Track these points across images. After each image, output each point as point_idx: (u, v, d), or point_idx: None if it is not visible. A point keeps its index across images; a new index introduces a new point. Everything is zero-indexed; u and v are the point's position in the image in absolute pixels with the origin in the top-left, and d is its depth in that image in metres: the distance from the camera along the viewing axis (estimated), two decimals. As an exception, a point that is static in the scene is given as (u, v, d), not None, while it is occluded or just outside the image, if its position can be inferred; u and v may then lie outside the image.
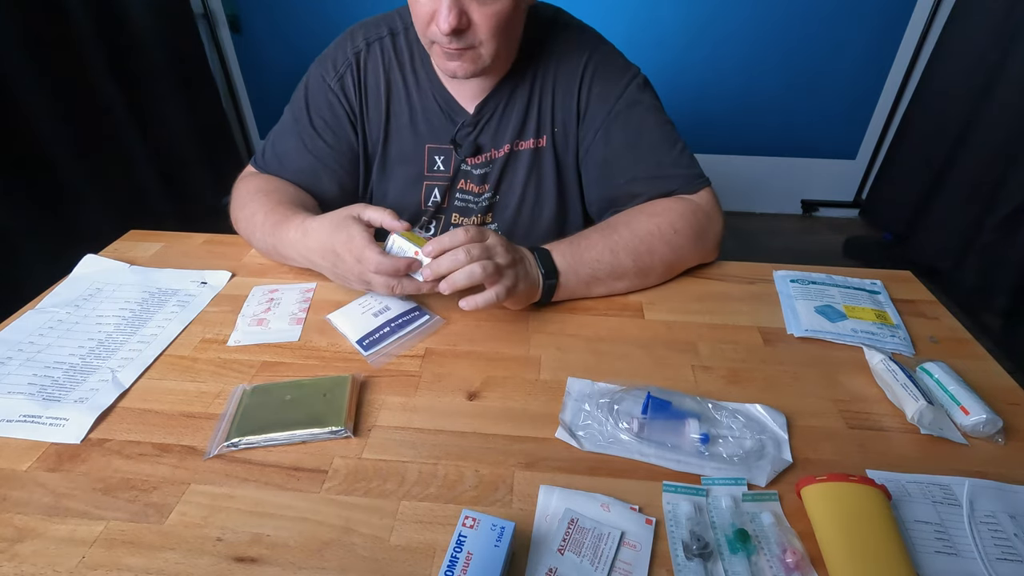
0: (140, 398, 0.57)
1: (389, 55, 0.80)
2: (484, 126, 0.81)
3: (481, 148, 0.82)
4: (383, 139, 0.83)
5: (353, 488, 0.48)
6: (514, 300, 0.64)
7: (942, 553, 0.44)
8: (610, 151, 0.79)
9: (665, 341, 0.66)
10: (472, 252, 0.59)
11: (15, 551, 0.43)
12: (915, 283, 0.77)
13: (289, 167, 0.82)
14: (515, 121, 0.81)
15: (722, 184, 0.84)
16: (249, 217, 0.75)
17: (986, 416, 0.52)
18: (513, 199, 0.85)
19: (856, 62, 2.19)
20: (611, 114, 0.78)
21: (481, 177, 0.84)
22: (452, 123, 0.81)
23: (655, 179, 0.77)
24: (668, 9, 2.14)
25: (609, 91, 0.78)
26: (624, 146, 0.78)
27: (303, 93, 0.82)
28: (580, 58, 0.79)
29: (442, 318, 0.68)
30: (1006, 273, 1.71)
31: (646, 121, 0.78)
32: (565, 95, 0.80)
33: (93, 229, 1.65)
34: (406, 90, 0.81)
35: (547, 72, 0.80)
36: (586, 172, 0.84)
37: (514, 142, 0.82)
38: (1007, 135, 1.74)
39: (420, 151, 0.83)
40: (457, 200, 0.86)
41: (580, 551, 0.43)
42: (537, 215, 0.87)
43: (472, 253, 0.59)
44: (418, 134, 0.82)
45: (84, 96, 1.67)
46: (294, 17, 2.26)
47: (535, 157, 0.83)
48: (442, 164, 0.83)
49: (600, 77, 0.79)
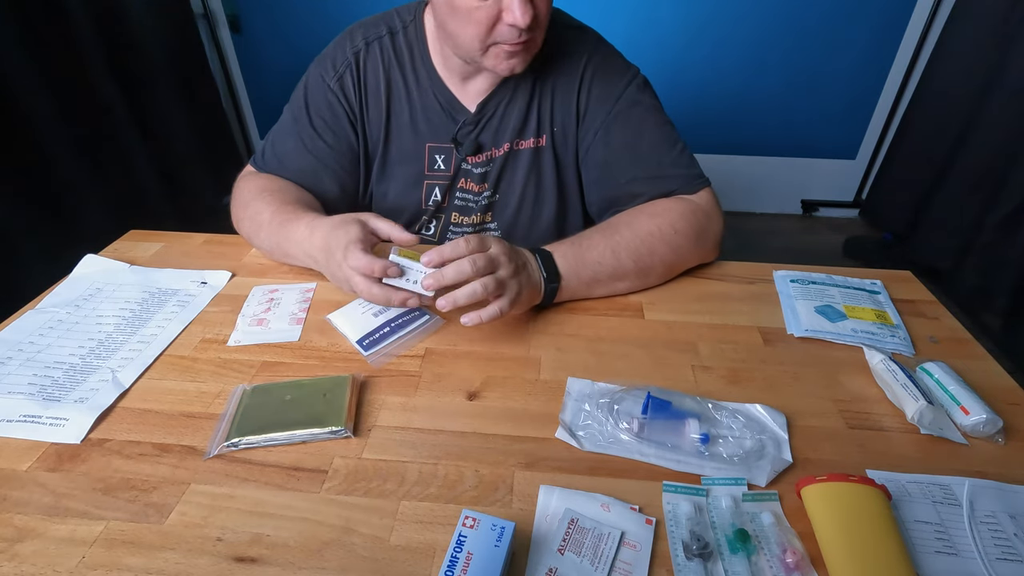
0: (140, 398, 0.57)
1: (388, 54, 0.80)
2: (485, 125, 0.81)
3: (482, 147, 0.82)
4: (384, 139, 0.83)
5: (353, 488, 0.48)
6: (516, 306, 0.64)
7: (942, 553, 0.44)
8: (610, 152, 0.79)
9: (665, 341, 0.66)
10: (477, 263, 0.58)
11: (15, 551, 0.43)
12: (915, 283, 0.77)
13: (289, 167, 0.82)
14: (515, 120, 0.81)
15: (722, 184, 0.84)
16: (254, 216, 0.75)
17: (986, 416, 0.52)
18: (513, 198, 0.85)
19: (856, 62, 2.19)
20: (611, 115, 0.78)
21: (481, 176, 0.84)
22: (453, 122, 0.81)
23: (655, 179, 0.77)
24: (668, 9, 2.14)
25: (609, 92, 0.79)
26: (624, 146, 0.78)
27: (302, 93, 0.82)
28: (580, 59, 0.79)
29: (442, 318, 0.68)
30: (1006, 273, 1.71)
31: (646, 121, 0.79)
32: (565, 95, 0.80)
33: (93, 229, 1.65)
34: (406, 89, 0.81)
35: (547, 72, 0.80)
36: (586, 172, 0.84)
37: (514, 141, 0.82)
38: (1007, 135, 1.74)
39: (421, 150, 0.83)
40: (457, 199, 0.86)
41: (580, 551, 0.43)
42: (537, 214, 0.87)
43: (477, 264, 0.58)
44: (418, 133, 0.82)
45: (84, 96, 1.67)
46: (294, 17, 2.26)
47: (535, 156, 0.83)
48: (443, 163, 0.83)
49: (600, 78, 0.79)
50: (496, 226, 0.88)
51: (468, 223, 0.88)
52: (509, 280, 0.61)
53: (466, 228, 0.88)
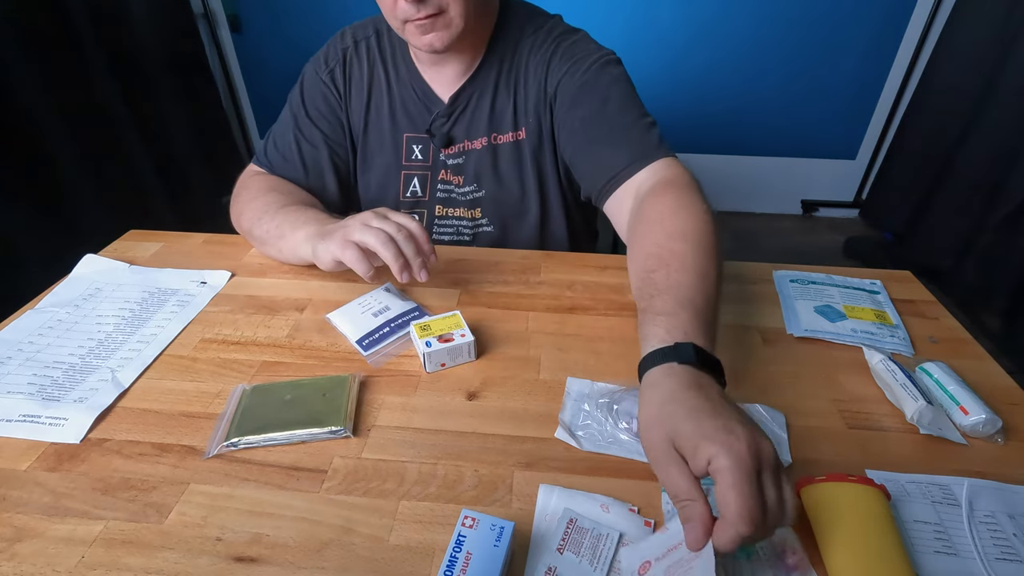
0: (140, 398, 0.57)
1: (374, 52, 0.84)
2: (458, 117, 0.83)
3: (453, 139, 0.84)
4: (363, 128, 0.86)
5: (352, 488, 0.48)
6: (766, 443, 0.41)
7: (941, 553, 0.44)
8: (581, 117, 0.76)
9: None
10: (755, 496, 0.37)
11: (14, 551, 0.43)
12: (915, 283, 0.77)
13: (291, 160, 0.84)
14: (489, 113, 0.82)
15: (722, 184, 0.84)
16: (254, 209, 0.76)
17: (985, 416, 0.52)
18: (500, 194, 0.86)
19: (856, 62, 2.19)
20: (579, 88, 0.76)
21: (455, 168, 0.86)
22: (429, 112, 0.83)
23: (627, 143, 0.72)
24: (668, 9, 2.14)
25: (576, 68, 0.77)
26: (594, 110, 0.75)
27: (299, 89, 0.86)
28: (550, 47, 0.79)
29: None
30: (1006, 273, 1.71)
31: (612, 90, 0.76)
32: (537, 84, 0.80)
33: (93, 229, 1.65)
34: (387, 83, 0.84)
35: (520, 65, 0.81)
36: (565, 150, 0.81)
37: (491, 135, 0.83)
38: (1007, 135, 1.74)
39: (398, 140, 0.85)
40: (439, 191, 0.88)
41: (579, 551, 0.43)
42: (523, 210, 0.87)
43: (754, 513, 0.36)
44: (396, 123, 0.85)
45: (84, 96, 1.68)
46: (294, 17, 2.26)
47: (516, 151, 0.84)
48: (420, 153, 0.86)
49: (567, 59, 0.78)
50: (488, 222, 0.89)
51: (454, 215, 0.89)
52: (768, 467, 0.39)
53: (453, 220, 0.89)
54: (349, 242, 0.61)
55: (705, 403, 0.41)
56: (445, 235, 0.91)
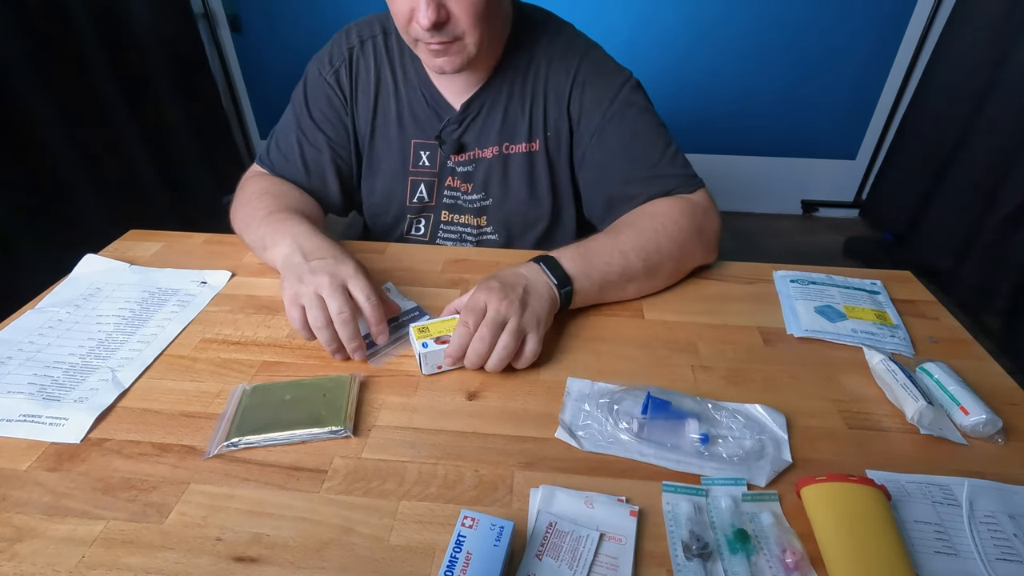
0: (140, 398, 0.57)
1: (381, 53, 0.82)
2: (469, 124, 0.82)
3: (464, 147, 0.83)
4: (370, 133, 0.84)
5: (353, 488, 0.48)
6: (543, 329, 0.61)
7: (942, 553, 0.44)
8: (606, 153, 0.79)
9: (665, 341, 0.66)
10: (486, 337, 0.56)
11: (15, 551, 0.43)
12: (915, 283, 0.77)
13: (293, 161, 0.83)
14: (501, 122, 0.81)
15: (722, 184, 0.84)
16: (250, 212, 0.75)
17: (986, 416, 0.52)
18: (507, 203, 0.86)
19: (856, 62, 2.19)
20: (605, 117, 0.78)
21: (464, 175, 0.85)
22: (439, 119, 0.82)
23: (652, 179, 0.77)
24: (669, 10, 2.15)
25: (602, 95, 0.78)
26: (620, 147, 0.78)
27: (302, 89, 0.84)
28: (571, 63, 0.79)
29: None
30: (1006, 273, 1.71)
31: (639, 122, 0.78)
32: (557, 100, 0.80)
33: (93, 229, 1.65)
34: (395, 86, 0.82)
35: (537, 76, 0.80)
36: (583, 176, 0.84)
37: (503, 144, 0.82)
38: (1007, 135, 1.74)
39: (406, 145, 0.84)
40: (446, 197, 0.87)
41: (558, 555, 0.42)
42: (532, 220, 0.87)
43: (486, 337, 0.56)
44: (404, 129, 0.83)
45: (84, 96, 1.68)
46: (294, 17, 2.26)
47: (528, 161, 0.83)
48: (427, 160, 0.84)
49: (592, 83, 0.79)
50: (492, 230, 0.89)
51: (459, 221, 0.88)
52: (521, 320, 0.58)
53: (457, 227, 0.89)
54: (297, 304, 0.59)
55: (510, 275, 0.62)
56: (448, 240, 0.91)
